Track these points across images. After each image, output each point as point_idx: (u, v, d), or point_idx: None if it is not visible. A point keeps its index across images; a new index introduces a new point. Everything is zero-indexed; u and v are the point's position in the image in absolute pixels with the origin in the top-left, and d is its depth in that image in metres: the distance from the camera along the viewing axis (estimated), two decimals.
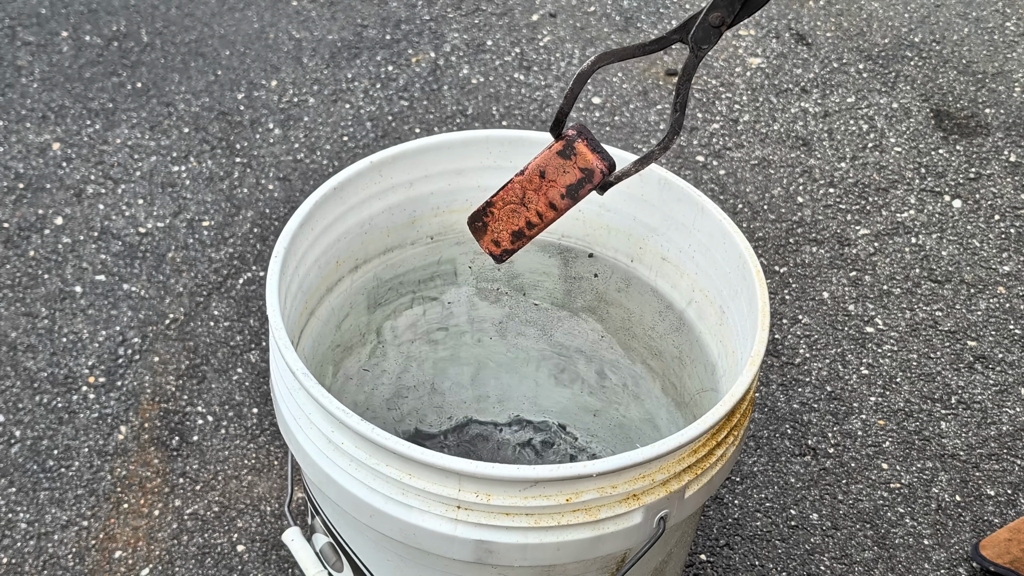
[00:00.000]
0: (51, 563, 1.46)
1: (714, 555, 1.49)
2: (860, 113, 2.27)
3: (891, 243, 1.97)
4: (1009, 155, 2.16)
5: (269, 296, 0.98)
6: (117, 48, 2.39)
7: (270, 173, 2.08)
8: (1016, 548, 1.41)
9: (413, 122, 2.22)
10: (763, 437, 1.64)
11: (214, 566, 1.46)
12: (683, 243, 1.18)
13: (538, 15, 2.54)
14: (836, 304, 1.85)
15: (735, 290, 1.09)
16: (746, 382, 0.92)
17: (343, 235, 1.17)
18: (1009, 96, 2.31)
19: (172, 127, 2.18)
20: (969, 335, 1.80)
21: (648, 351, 1.32)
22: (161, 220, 1.97)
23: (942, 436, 1.65)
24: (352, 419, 0.87)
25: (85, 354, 1.73)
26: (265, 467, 1.58)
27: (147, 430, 1.63)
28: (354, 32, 2.47)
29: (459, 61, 2.39)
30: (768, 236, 1.98)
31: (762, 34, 2.50)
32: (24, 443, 1.60)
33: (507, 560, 0.90)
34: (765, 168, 2.13)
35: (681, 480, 0.91)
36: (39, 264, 1.88)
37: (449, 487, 0.86)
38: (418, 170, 1.20)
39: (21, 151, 2.11)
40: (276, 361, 1.01)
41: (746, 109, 2.28)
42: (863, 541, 1.51)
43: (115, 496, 1.54)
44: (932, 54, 2.44)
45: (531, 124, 2.22)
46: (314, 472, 0.95)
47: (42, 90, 2.26)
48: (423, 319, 1.37)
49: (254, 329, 1.78)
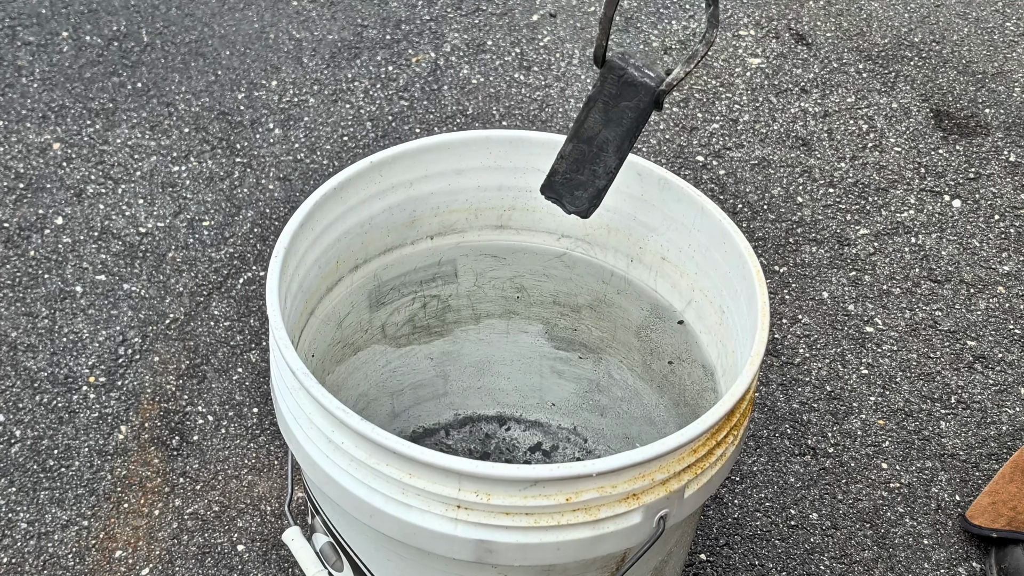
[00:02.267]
0: (51, 563, 1.46)
1: (714, 555, 1.49)
2: (860, 113, 2.27)
3: (891, 243, 1.97)
4: (1009, 155, 2.17)
5: (269, 296, 0.98)
6: (117, 48, 2.39)
7: (270, 173, 2.08)
8: (1004, 508, 1.41)
9: (413, 122, 2.22)
10: (763, 437, 1.64)
11: (214, 566, 1.46)
12: (683, 243, 1.18)
13: (538, 15, 2.55)
14: (836, 304, 1.85)
15: (735, 290, 1.10)
16: (746, 382, 0.92)
17: (343, 235, 1.18)
18: (1009, 96, 2.32)
19: (172, 127, 2.19)
20: (969, 335, 1.80)
21: (648, 350, 1.32)
22: (161, 220, 1.97)
23: (942, 436, 1.65)
24: (352, 418, 0.87)
25: (85, 354, 1.73)
26: (265, 467, 1.58)
27: (147, 430, 1.63)
28: (354, 32, 2.47)
29: (459, 61, 2.39)
30: (768, 236, 1.98)
31: (762, 34, 2.50)
32: (24, 443, 1.60)
33: (507, 560, 0.90)
34: (765, 168, 2.13)
35: (681, 480, 0.91)
36: (39, 264, 1.88)
37: (449, 487, 0.87)
38: (418, 170, 1.20)
39: (21, 151, 2.11)
40: (276, 361, 1.01)
41: (746, 109, 2.28)
42: (863, 541, 1.51)
43: (115, 496, 1.54)
44: (932, 54, 2.44)
45: (531, 124, 2.22)
46: (314, 472, 0.95)
47: (42, 90, 2.26)
48: (424, 318, 1.37)
49: (254, 329, 1.78)
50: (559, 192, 1.04)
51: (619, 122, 0.98)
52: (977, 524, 1.45)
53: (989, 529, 1.43)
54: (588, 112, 0.98)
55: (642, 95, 0.96)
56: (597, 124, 0.98)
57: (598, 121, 0.98)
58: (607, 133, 0.99)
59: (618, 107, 0.97)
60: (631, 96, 0.96)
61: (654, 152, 2.16)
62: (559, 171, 1.03)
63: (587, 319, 1.36)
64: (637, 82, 0.95)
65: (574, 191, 1.03)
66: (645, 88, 0.95)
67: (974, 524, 1.45)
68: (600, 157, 1.00)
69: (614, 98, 0.96)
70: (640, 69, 0.94)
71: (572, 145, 1.01)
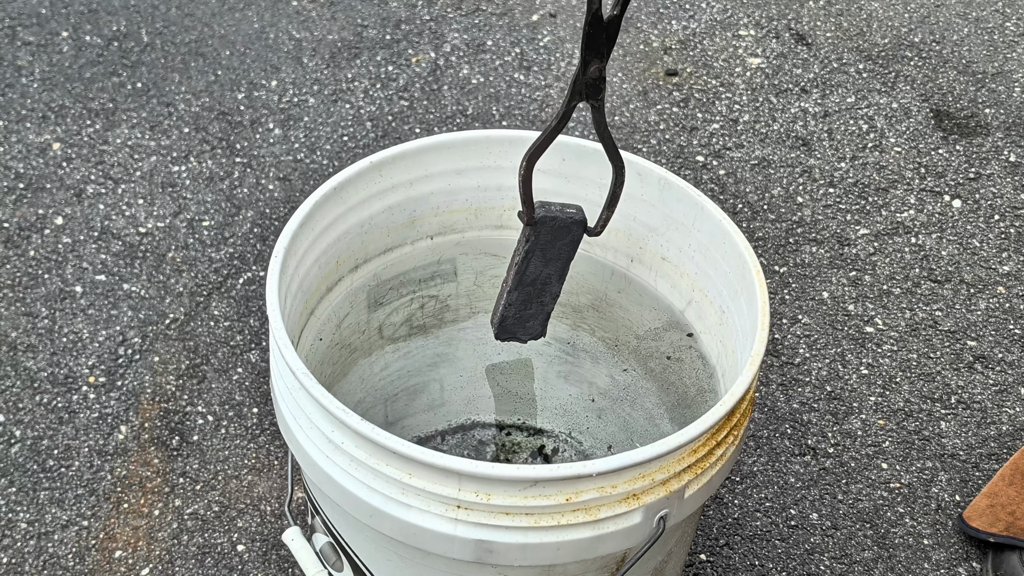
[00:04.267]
0: (51, 563, 1.46)
1: (714, 555, 1.49)
2: (860, 113, 2.27)
3: (891, 243, 1.97)
4: (1009, 155, 2.17)
5: (269, 296, 0.98)
6: (117, 48, 2.39)
7: (270, 173, 2.08)
8: (1003, 512, 1.40)
9: (413, 122, 2.22)
10: (763, 437, 1.64)
11: (214, 566, 1.46)
12: (683, 243, 1.18)
13: (538, 15, 2.54)
14: (836, 304, 1.85)
15: (735, 290, 1.10)
16: (746, 382, 0.92)
17: (343, 235, 1.18)
18: (1009, 96, 2.32)
19: (172, 127, 2.19)
20: (969, 335, 1.80)
21: (648, 350, 1.32)
22: (161, 220, 1.97)
23: (942, 436, 1.65)
24: (352, 418, 0.87)
25: (85, 354, 1.73)
26: (265, 467, 1.58)
27: (147, 430, 1.63)
28: (354, 32, 2.47)
29: (459, 61, 2.39)
30: (768, 236, 1.98)
31: (762, 34, 2.50)
32: (24, 443, 1.60)
33: (507, 560, 0.90)
34: (765, 168, 2.13)
35: (681, 480, 0.91)
36: (39, 264, 1.88)
37: (449, 487, 0.86)
38: (418, 170, 1.20)
39: (21, 151, 2.11)
40: (276, 361, 1.01)
41: (746, 109, 2.28)
42: (863, 541, 1.51)
43: (115, 496, 1.54)
44: (932, 54, 2.44)
45: (531, 124, 2.22)
46: (314, 472, 0.95)
47: (42, 90, 2.26)
48: (424, 318, 1.37)
49: (254, 329, 1.78)
50: (513, 331, 1.12)
51: (558, 257, 1.06)
52: (974, 527, 1.44)
53: (986, 533, 1.42)
54: (527, 262, 1.05)
55: (576, 231, 1.04)
56: (538, 267, 1.06)
57: (538, 265, 1.06)
58: (548, 270, 1.07)
59: (555, 247, 1.04)
60: (565, 235, 1.04)
61: (654, 152, 2.16)
62: (509, 316, 1.10)
63: (587, 319, 1.36)
64: (570, 223, 1.03)
65: (526, 324, 1.12)
66: (578, 224, 1.03)
67: (971, 526, 1.45)
68: (545, 289, 1.09)
69: (550, 243, 1.04)
70: (564, 211, 1.02)
71: (517, 292, 1.08)
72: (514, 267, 1.05)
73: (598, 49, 0.92)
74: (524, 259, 1.04)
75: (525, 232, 1.03)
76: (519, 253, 1.05)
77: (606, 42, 0.92)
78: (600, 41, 0.92)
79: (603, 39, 0.92)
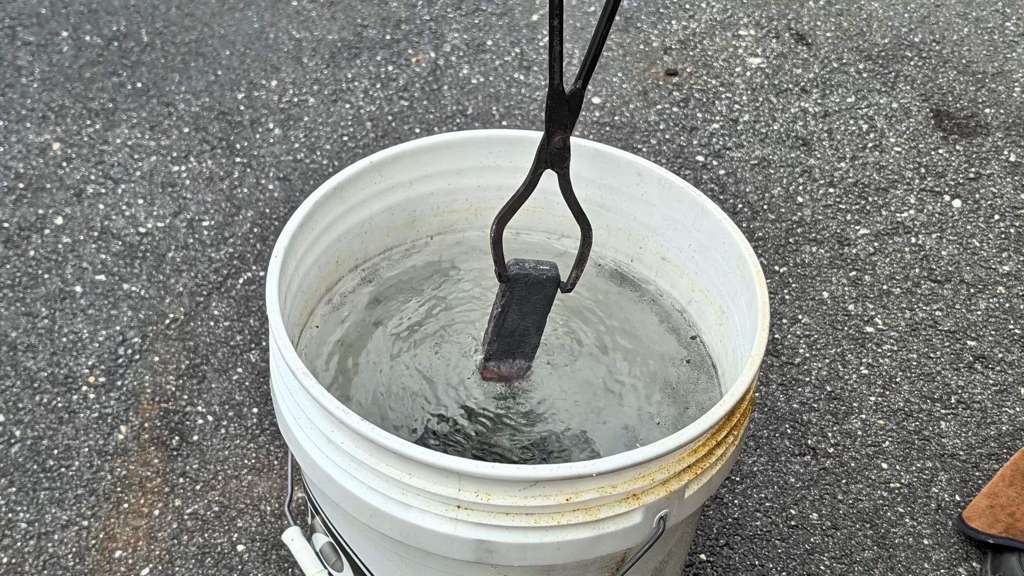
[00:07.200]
0: (51, 563, 1.46)
1: (714, 555, 1.49)
2: (860, 113, 2.27)
3: (891, 243, 1.97)
4: (1009, 155, 2.16)
5: (269, 296, 0.98)
6: (117, 48, 2.39)
7: (270, 173, 2.08)
8: (1002, 514, 1.39)
9: (413, 122, 2.22)
10: (763, 437, 1.64)
11: (214, 566, 1.46)
12: (683, 243, 1.18)
13: (538, 15, 2.54)
14: (836, 304, 1.85)
15: (735, 290, 1.10)
16: (746, 382, 0.92)
17: (343, 235, 1.18)
18: (1009, 96, 2.31)
19: (172, 127, 2.18)
20: (969, 335, 1.80)
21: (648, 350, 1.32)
22: (161, 220, 1.97)
23: (942, 436, 1.65)
24: (352, 419, 0.87)
25: (85, 354, 1.73)
26: (265, 467, 1.58)
27: (147, 430, 1.63)
28: (354, 32, 2.47)
29: (459, 61, 2.39)
30: (768, 236, 1.98)
31: (762, 34, 2.50)
32: (24, 443, 1.60)
33: (507, 560, 0.90)
34: (765, 168, 2.13)
35: (681, 480, 0.91)
36: (39, 264, 1.88)
37: (449, 487, 0.86)
38: (418, 170, 1.20)
39: (21, 151, 2.11)
40: (276, 361, 1.01)
41: (746, 109, 2.28)
42: (863, 541, 1.51)
43: (115, 496, 1.54)
44: (932, 54, 2.44)
45: (531, 124, 2.22)
46: (314, 472, 0.95)
47: (42, 90, 2.26)
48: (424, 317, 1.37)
49: (254, 329, 1.78)
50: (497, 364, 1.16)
51: (534, 311, 1.10)
52: (974, 527, 1.44)
53: (986, 534, 1.42)
54: (504, 316, 1.09)
55: (549, 287, 1.08)
56: (515, 320, 1.10)
57: (515, 318, 1.10)
58: (526, 323, 1.11)
59: (530, 302, 1.08)
60: (539, 291, 1.08)
61: (654, 152, 2.16)
62: (491, 358, 1.15)
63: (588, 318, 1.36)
64: (543, 280, 1.07)
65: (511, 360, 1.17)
66: (551, 281, 1.07)
67: (971, 527, 1.44)
68: (524, 340, 1.13)
69: (525, 298, 1.08)
70: (537, 268, 1.07)
71: (497, 343, 1.12)
72: (493, 320, 1.10)
73: (561, 121, 0.95)
74: (502, 312, 1.09)
75: (501, 287, 1.07)
76: (496, 307, 1.09)
77: (569, 115, 0.95)
78: (563, 114, 0.95)
79: (566, 112, 0.94)
